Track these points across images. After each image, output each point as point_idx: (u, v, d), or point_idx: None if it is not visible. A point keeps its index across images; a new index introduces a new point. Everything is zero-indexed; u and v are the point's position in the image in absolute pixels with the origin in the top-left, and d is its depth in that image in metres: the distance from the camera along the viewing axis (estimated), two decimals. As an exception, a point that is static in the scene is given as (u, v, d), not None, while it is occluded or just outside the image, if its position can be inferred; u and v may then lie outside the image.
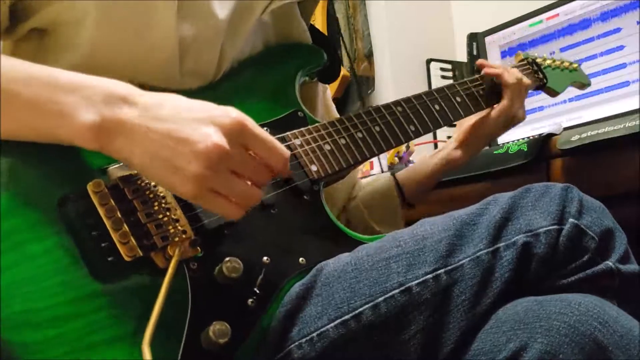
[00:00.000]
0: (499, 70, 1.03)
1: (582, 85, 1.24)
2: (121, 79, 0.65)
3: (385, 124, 0.88)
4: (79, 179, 0.63)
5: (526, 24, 1.64)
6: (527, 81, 1.05)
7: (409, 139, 0.90)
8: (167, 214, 0.65)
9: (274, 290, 0.69)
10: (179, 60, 0.76)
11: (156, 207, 0.65)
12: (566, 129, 1.19)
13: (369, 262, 0.67)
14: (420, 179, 1.07)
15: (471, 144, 1.05)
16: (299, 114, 0.84)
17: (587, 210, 0.67)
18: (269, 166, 0.64)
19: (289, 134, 0.80)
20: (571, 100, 1.52)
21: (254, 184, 0.64)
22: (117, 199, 0.63)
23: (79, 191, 0.63)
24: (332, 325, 0.65)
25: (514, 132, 1.57)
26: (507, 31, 1.68)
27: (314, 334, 0.65)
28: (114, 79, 0.64)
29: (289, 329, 0.67)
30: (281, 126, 0.81)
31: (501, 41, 1.70)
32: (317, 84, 0.99)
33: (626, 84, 1.43)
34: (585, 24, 1.51)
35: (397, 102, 0.91)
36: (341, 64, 1.02)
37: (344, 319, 0.64)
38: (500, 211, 0.67)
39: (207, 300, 0.64)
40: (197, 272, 0.65)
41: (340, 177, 0.89)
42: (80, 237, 0.61)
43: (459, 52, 2.27)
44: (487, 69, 1.03)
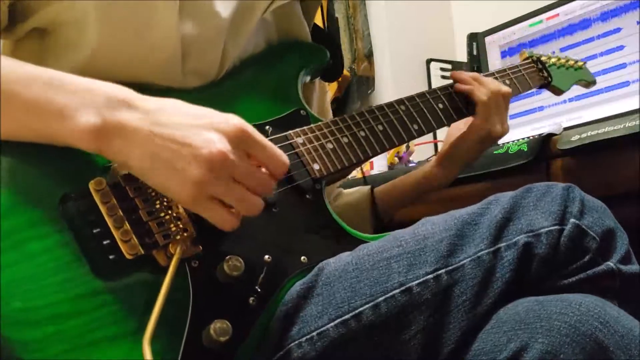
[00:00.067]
0: (468, 87, 0.96)
1: (588, 83, 1.23)
2: (123, 79, 0.65)
3: (388, 123, 0.88)
4: (81, 177, 0.63)
5: (526, 24, 1.64)
6: (505, 90, 0.97)
7: (412, 137, 0.90)
8: (169, 212, 0.65)
9: (275, 288, 0.69)
10: (181, 59, 0.76)
11: (158, 205, 0.65)
12: (566, 129, 1.19)
13: (369, 262, 0.67)
14: (397, 195, 1.06)
15: (450, 162, 1.00)
16: (302, 112, 0.84)
17: (588, 210, 0.67)
18: (269, 172, 0.64)
19: (291, 132, 0.79)
20: (571, 100, 1.52)
21: (254, 193, 0.63)
22: (118, 197, 0.63)
23: (81, 189, 0.63)
24: (332, 324, 0.65)
25: (514, 132, 1.58)
26: (507, 31, 1.68)
27: (314, 333, 0.65)
28: (116, 78, 0.64)
29: (289, 327, 0.67)
30: (283, 125, 0.80)
31: (501, 41, 1.70)
32: (313, 83, 0.98)
33: (626, 84, 1.43)
34: (585, 24, 1.52)
35: (400, 101, 0.91)
36: (343, 62, 1.01)
37: (344, 318, 0.64)
38: (501, 211, 0.67)
39: (208, 298, 0.64)
40: (199, 270, 0.65)
41: (342, 175, 0.89)
42: (81, 235, 0.61)
43: (459, 52, 2.28)
44: (457, 85, 0.97)
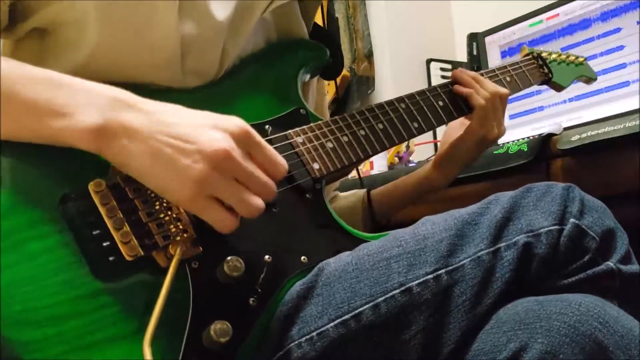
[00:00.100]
0: (467, 90, 0.96)
1: (589, 79, 1.22)
2: (123, 79, 0.65)
3: (388, 121, 0.87)
4: (80, 178, 0.63)
5: (526, 24, 1.64)
6: (503, 92, 0.98)
7: (412, 136, 0.90)
8: (169, 212, 0.65)
9: (275, 289, 0.69)
10: (181, 59, 0.76)
11: (157, 206, 0.65)
12: (566, 129, 1.19)
13: (369, 262, 0.67)
14: (399, 195, 1.06)
15: (446, 165, 1.00)
16: (301, 111, 0.84)
17: (588, 210, 0.67)
18: (269, 176, 0.64)
19: (290, 132, 0.79)
20: (571, 100, 1.52)
21: (256, 194, 0.63)
22: (118, 198, 0.63)
23: (80, 190, 0.63)
24: (332, 324, 0.65)
25: (514, 132, 1.58)
26: (507, 31, 1.68)
27: (314, 334, 0.65)
28: (116, 78, 0.64)
29: (289, 328, 0.67)
30: (283, 124, 0.80)
31: (501, 41, 1.70)
32: (310, 83, 0.98)
33: (626, 84, 1.43)
34: (585, 24, 1.52)
35: (400, 99, 0.91)
36: (343, 60, 1.00)
37: (344, 318, 0.65)
38: (501, 211, 0.67)
39: (208, 299, 0.64)
40: (199, 271, 0.65)
41: (342, 174, 0.89)
42: (81, 236, 0.61)
43: (459, 52, 2.28)
44: (456, 87, 0.97)
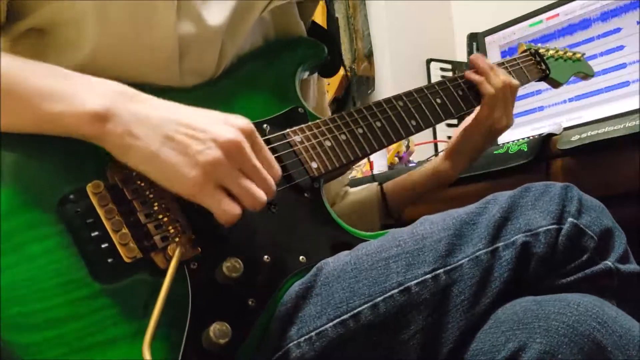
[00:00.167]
0: (479, 77, 0.97)
1: (586, 75, 1.22)
2: (121, 78, 0.65)
3: (386, 119, 0.87)
4: (79, 179, 0.63)
5: (526, 24, 1.64)
6: (515, 83, 0.99)
7: (410, 134, 0.89)
8: (167, 214, 0.65)
9: (274, 289, 0.69)
10: (179, 59, 0.76)
11: (156, 207, 0.65)
12: (566, 129, 1.19)
13: (368, 262, 0.67)
14: (407, 189, 1.06)
15: (458, 155, 1.01)
16: (299, 110, 0.84)
17: (586, 209, 0.67)
18: None
19: (289, 131, 0.79)
20: (571, 100, 1.52)
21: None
22: (116, 199, 0.63)
23: (79, 192, 0.63)
24: (331, 324, 0.65)
25: (514, 132, 1.58)
26: (507, 31, 1.68)
27: (313, 333, 0.65)
28: (115, 77, 0.65)
29: (288, 328, 0.67)
30: (281, 122, 0.80)
31: (501, 41, 1.70)
32: (310, 82, 0.98)
33: (626, 84, 1.43)
34: (585, 24, 1.51)
35: (398, 97, 0.90)
36: (342, 57, 1.00)
37: (342, 318, 0.65)
38: (499, 210, 0.67)
39: (207, 300, 0.64)
40: (198, 272, 0.65)
41: (340, 173, 0.89)
42: (80, 238, 0.61)
43: (459, 52, 2.27)
44: (467, 74, 0.98)
